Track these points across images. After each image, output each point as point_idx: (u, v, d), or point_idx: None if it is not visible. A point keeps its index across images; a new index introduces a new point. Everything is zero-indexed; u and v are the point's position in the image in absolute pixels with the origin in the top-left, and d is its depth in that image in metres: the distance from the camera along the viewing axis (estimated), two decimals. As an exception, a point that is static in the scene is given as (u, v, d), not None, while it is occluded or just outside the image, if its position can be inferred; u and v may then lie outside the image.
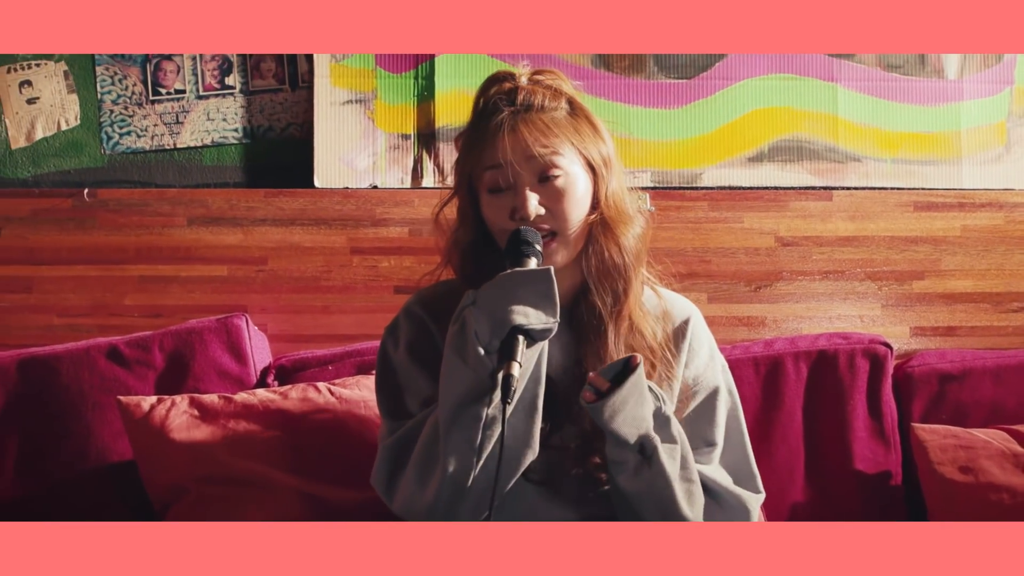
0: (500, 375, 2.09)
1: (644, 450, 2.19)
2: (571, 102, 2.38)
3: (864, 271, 3.48)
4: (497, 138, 2.29)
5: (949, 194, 3.50)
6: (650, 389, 2.22)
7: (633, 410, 2.17)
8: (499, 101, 2.34)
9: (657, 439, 2.20)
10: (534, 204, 2.26)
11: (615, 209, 2.36)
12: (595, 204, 2.35)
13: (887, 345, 3.24)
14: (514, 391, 2.09)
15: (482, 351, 2.14)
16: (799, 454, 3.19)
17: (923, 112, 3.53)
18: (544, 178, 2.28)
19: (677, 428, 2.27)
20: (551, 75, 2.40)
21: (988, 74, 3.54)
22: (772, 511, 3.08)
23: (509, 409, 2.11)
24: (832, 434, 3.19)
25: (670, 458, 2.22)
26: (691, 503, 2.26)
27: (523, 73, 2.38)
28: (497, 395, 2.10)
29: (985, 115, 3.54)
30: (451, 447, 2.19)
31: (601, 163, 2.36)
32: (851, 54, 3.52)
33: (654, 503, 2.23)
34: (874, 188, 3.51)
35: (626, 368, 2.16)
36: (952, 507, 2.99)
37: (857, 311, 3.49)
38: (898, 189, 3.51)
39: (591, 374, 2.19)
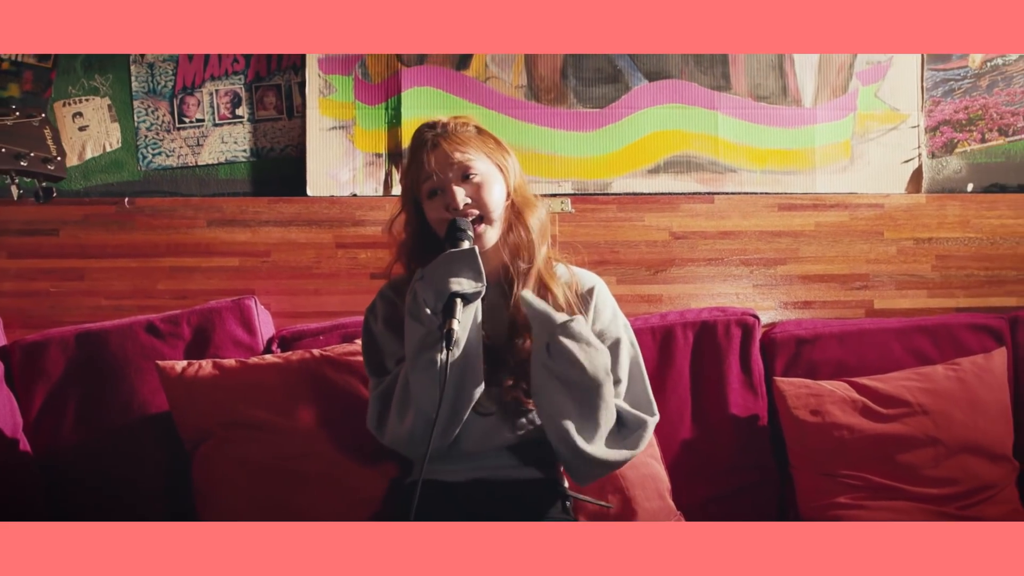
0: (444, 330, 2.33)
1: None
2: (478, 127, 2.62)
3: (739, 258, 3.59)
4: (424, 155, 2.54)
5: (806, 197, 3.61)
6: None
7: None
8: (424, 132, 2.59)
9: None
10: (461, 196, 2.51)
11: (521, 196, 2.62)
12: (507, 194, 2.59)
13: (755, 316, 3.35)
14: (456, 340, 2.32)
15: (430, 312, 2.38)
16: (687, 402, 3.28)
17: (785, 133, 3.64)
18: (465, 176, 2.52)
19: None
20: (464, 117, 2.64)
21: (836, 103, 3.64)
22: (666, 447, 3.18)
23: (455, 353, 2.34)
24: (712, 387, 3.30)
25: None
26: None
27: (442, 117, 2.62)
28: (443, 344, 2.32)
29: (834, 135, 3.65)
30: (417, 386, 2.42)
31: (504, 166, 2.59)
32: (728, 88, 3.61)
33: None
34: (747, 193, 3.62)
35: None
36: (805, 442, 3.15)
37: (733, 290, 3.59)
38: (766, 194, 3.62)
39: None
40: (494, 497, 2.53)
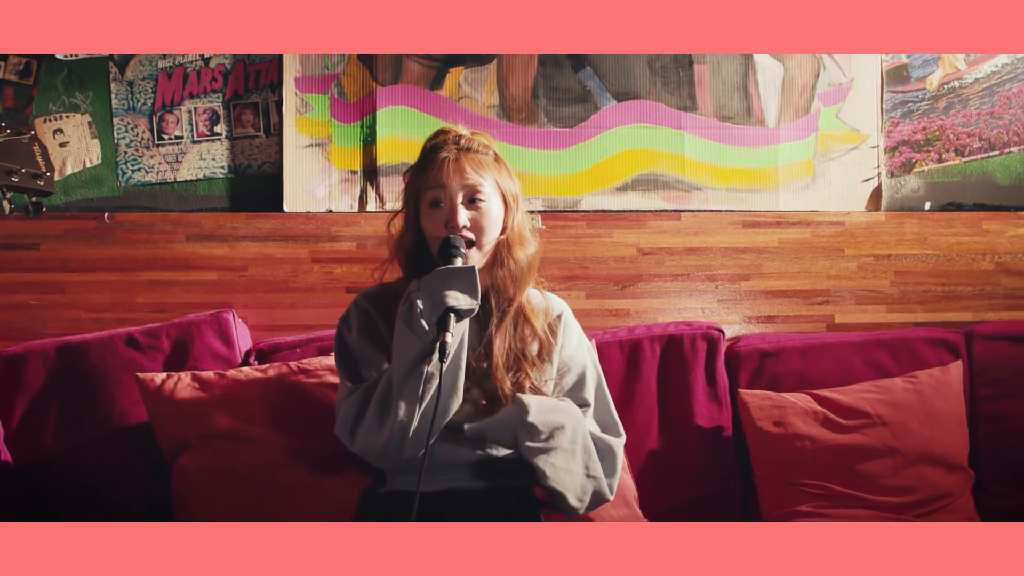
0: (438, 343, 2.36)
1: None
2: (495, 154, 2.65)
3: (704, 274, 3.62)
4: (444, 165, 2.54)
5: (769, 215, 3.65)
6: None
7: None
8: (448, 141, 2.59)
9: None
10: (463, 217, 2.53)
11: (517, 234, 2.63)
12: (504, 228, 2.62)
13: (720, 330, 3.38)
14: (448, 354, 2.35)
15: (424, 324, 2.40)
16: (654, 413, 3.31)
17: (749, 152, 3.67)
18: (472, 200, 2.55)
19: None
20: (483, 135, 2.67)
21: (799, 123, 3.69)
22: (633, 457, 3.20)
23: (444, 367, 2.36)
24: (679, 398, 3.31)
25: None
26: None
27: (463, 129, 2.64)
28: (436, 357, 2.36)
29: (796, 155, 3.69)
30: (402, 396, 2.43)
31: (512, 199, 2.63)
32: (694, 108, 3.64)
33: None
34: (712, 211, 3.65)
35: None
36: (768, 452, 3.19)
37: (699, 305, 3.62)
38: (730, 211, 3.65)
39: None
40: (467, 506, 2.55)
